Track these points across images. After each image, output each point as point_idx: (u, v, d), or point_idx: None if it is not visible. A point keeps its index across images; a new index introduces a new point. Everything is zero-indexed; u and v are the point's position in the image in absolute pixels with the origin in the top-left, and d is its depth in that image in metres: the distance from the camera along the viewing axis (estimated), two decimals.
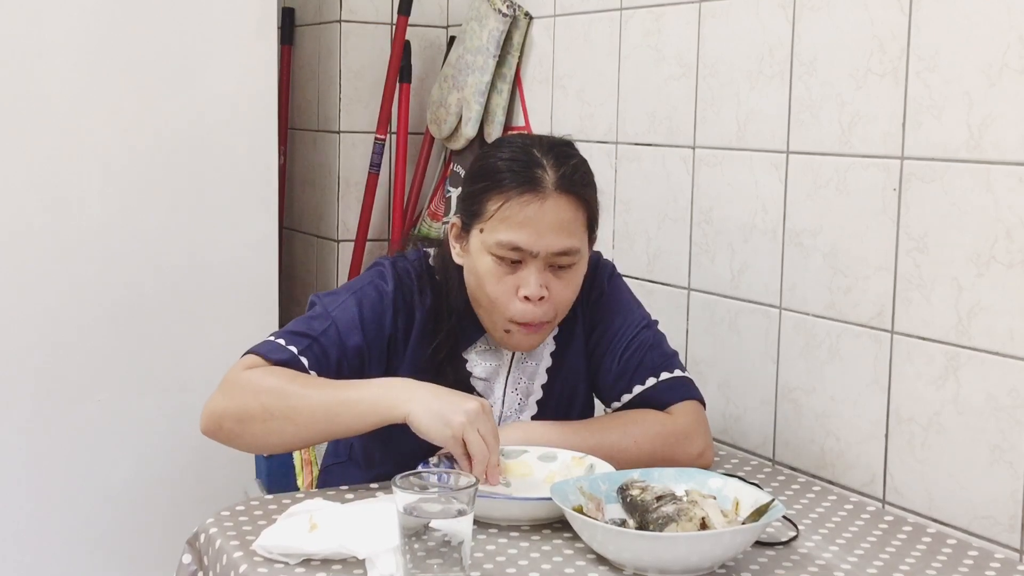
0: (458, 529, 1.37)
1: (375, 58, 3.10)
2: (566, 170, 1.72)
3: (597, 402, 1.95)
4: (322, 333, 1.73)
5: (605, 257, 1.93)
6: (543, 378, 1.86)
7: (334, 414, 1.64)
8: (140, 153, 2.60)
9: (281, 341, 1.73)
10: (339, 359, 1.73)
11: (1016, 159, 1.66)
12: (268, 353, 1.71)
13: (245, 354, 1.74)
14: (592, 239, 1.80)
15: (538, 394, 1.86)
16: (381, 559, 1.42)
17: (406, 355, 1.79)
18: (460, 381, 1.80)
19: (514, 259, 1.71)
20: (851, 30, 1.90)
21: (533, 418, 1.85)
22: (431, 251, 1.86)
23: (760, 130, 2.09)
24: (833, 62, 1.94)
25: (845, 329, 1.94)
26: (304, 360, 1.71)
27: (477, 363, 1.83)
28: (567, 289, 1.75)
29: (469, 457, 1.59)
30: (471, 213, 1.75)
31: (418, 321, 1.80)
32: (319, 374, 1.71)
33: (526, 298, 1.71)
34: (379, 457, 1.84)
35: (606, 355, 1.86)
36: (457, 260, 1.79)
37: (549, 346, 1.87)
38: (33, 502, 2.58)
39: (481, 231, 1.72)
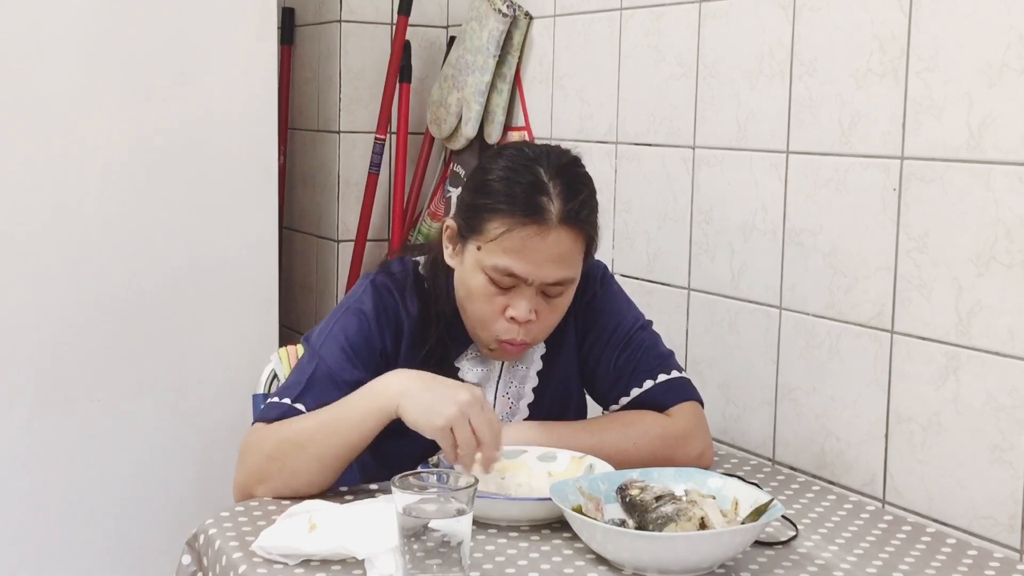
0: (457, 529, 1.37)
1: (375, 58, 3.10)
2: (573, 205, 1.68)
3: (592, 403, 1.95)
4: (312, 375, 1.73)
5: (597, 258, 1.92)
6: (534, 382, 1.86)
7: (333, 432, 1.65)
8: (140, 153, 2.60)
9: (275, 398, 1.74)
10: (338, 396, 1.71)
11: (1016, 159, 1.66)
12: (266, 414, 1.73)
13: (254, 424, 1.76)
14: (588, 260, 1.78)
15: (529, 398, 1.86)
16: (380, 559, 1.42)
17: (398, 365, 1.78)
18: None
19: (508, 284, 1.70)
20: (851, 30, 1.90)
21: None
22: (420, 259, 1.85)
23: (760, 130, 2.09)
24: (833, 62, 1.94)
25: (845, 329, 1.93)
26: (300, 407, 1.71)
27: (469, 371, 1.83)
28: (554, 313, 1.75)
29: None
30: (470, 227, 1.72)
31: (407, 330, 1.79)
32: None
33: (513, 319, 1.71)
34: (374, 466, 1.83)
35: (602, 358, 1.86)
36: (449, 261, 1.78)
37: (539, 350, 1.86)
38: (33, 502, 2.58)
39: (478, 249, 1.71)
